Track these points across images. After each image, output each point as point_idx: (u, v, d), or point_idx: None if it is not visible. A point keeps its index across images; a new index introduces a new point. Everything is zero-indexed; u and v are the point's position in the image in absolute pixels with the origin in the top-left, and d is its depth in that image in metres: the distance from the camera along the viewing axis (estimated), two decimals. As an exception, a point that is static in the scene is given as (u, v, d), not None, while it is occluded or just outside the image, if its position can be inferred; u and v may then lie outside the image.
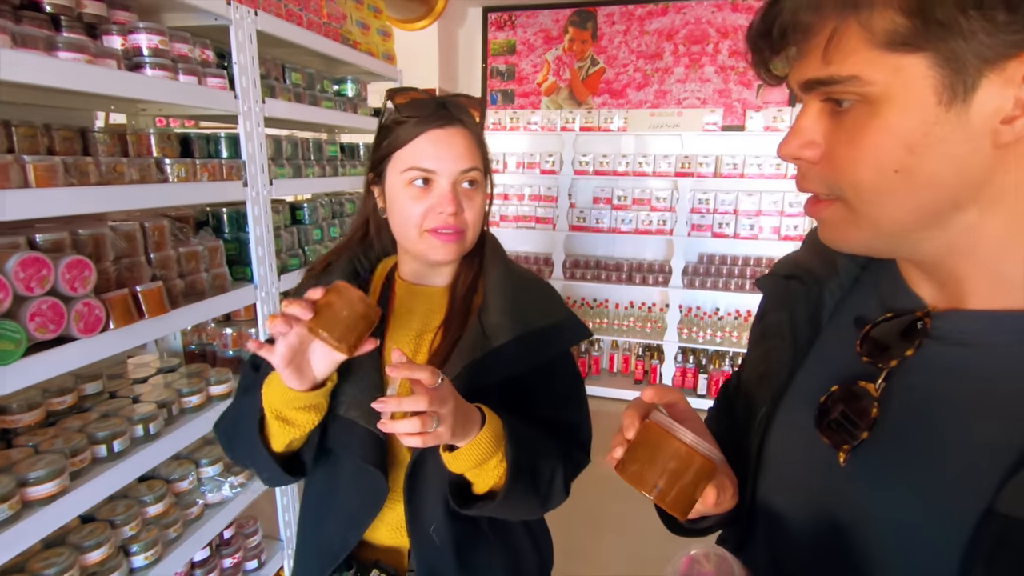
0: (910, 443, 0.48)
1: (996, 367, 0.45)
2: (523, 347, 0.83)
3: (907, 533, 0.47)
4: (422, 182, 0.82)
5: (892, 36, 0.39)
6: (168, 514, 1.32)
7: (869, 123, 0.42)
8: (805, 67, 0.45)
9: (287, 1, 1.60)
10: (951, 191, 0.43)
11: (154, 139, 1.30)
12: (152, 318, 1.17)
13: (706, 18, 3.80)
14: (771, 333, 0.63)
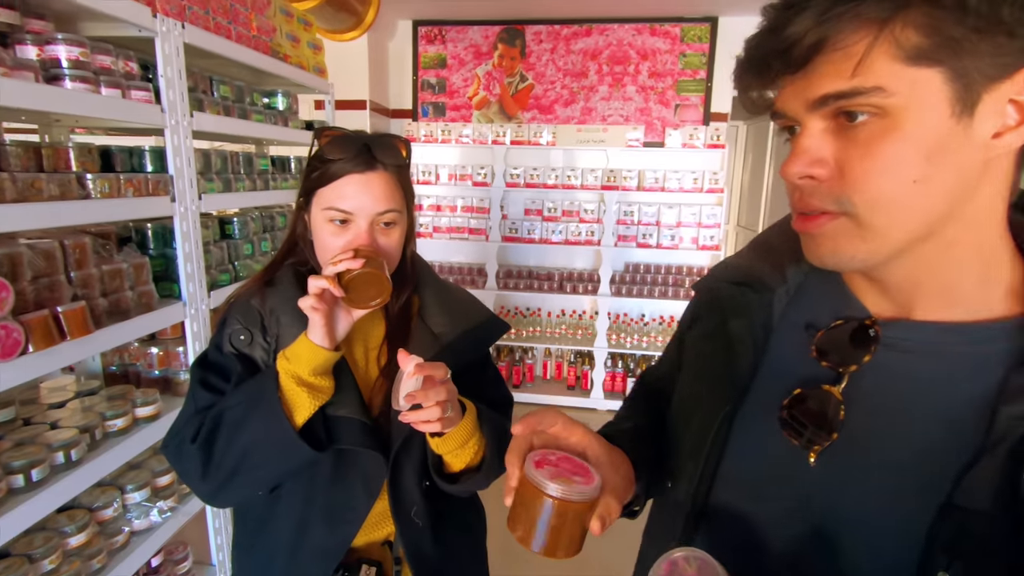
0: (874, 443, 0.51)
1: (943, 373, 0.49)
2: (466, 343, 0.96)
3: (873, 528, 0.49)
4: (340, 221, 0.87)
5: (913, 51, 0.41)
6: (91, 544, 1.26)
7: (888, 135, 0.43)
8: (821, 83, 0.44)
9: (215, 14, 1.57)
10: (952, 202, 0.45)
11: (73, 153, 1.25)
12: (75, 339, 1.13)
13: (627, 40, 4.02)
14: (731, 338, 0.62)
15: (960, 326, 0.49)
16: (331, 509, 0.90)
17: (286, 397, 0.82)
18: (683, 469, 0.63)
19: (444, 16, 4.12)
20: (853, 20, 0.42)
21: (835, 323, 0.55)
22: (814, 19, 0.43)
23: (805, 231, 0.50)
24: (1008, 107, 0.43)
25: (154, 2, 1.34)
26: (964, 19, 0.40)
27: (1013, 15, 0.40)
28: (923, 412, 0.49)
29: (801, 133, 0.47)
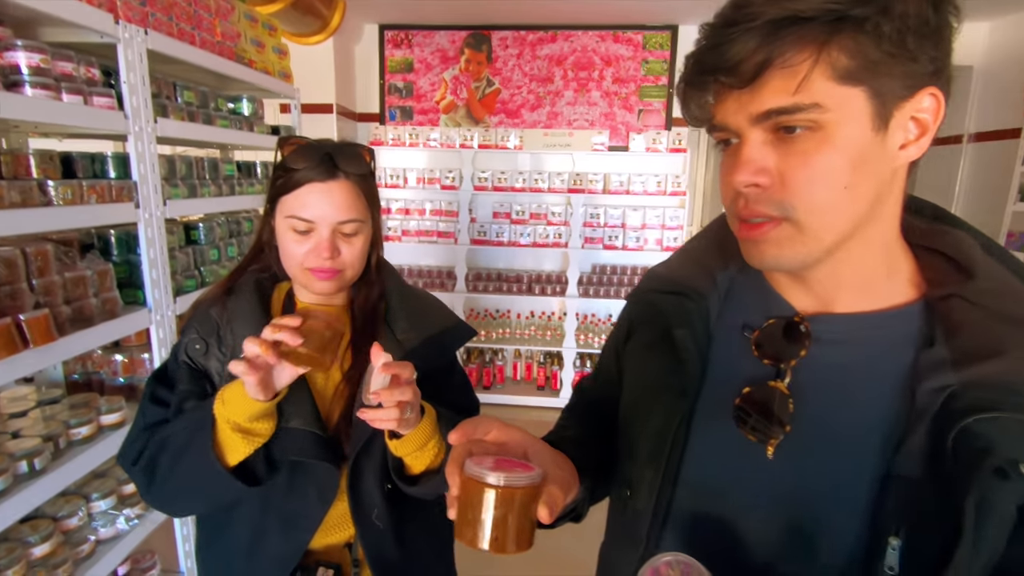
0: (821, 430, 0.55)
1: (866, 358, 0.55)
2: (429, 349, 0.96)
3: (828, 507, 0.54)
4: (303, 229, 0.88)
5: (843, 71, 0.46)
6: (56, 554, 1.25)
7: (822, 147, 0.48)
8: (765, 99, 0.48)
9: (178, 20, 1.57)
10: (871, 206, 0.51)
11: (34, 160, 1.24)
12: (38, 347, 1.12)
13: (591, 47, 4.10)
14: (677, 347, 0.64)
15: (874, 315, 0.55)
16: (286, 517, 0.90)
17: (220, 440, 0.81)
18: (642, 477, 0.64)
19: (410, 20, 4.14)
20: (797, 42, 0.46)
21: (767, 322, 0.60)
22: (761, 39, 0.47)
23: (750, 238, 0.53)
24: (910, 123, 0.49)
25: (116, 8, 1.34)
26: (880, 45, 0.46)
27: (915, 43, 0.46)
28: (856, 396, 0.54)
29: (744, 145, 0.51)
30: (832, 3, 0.45)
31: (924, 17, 0.46)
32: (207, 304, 0.94)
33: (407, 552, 0.96)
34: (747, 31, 0.47)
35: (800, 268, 0.55)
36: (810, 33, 0.46)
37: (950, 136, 4.00)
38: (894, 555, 0.48)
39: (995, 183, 3.49)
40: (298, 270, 0.91)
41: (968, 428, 0.46)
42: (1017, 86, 3.22)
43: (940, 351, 0.50)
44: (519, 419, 4.03)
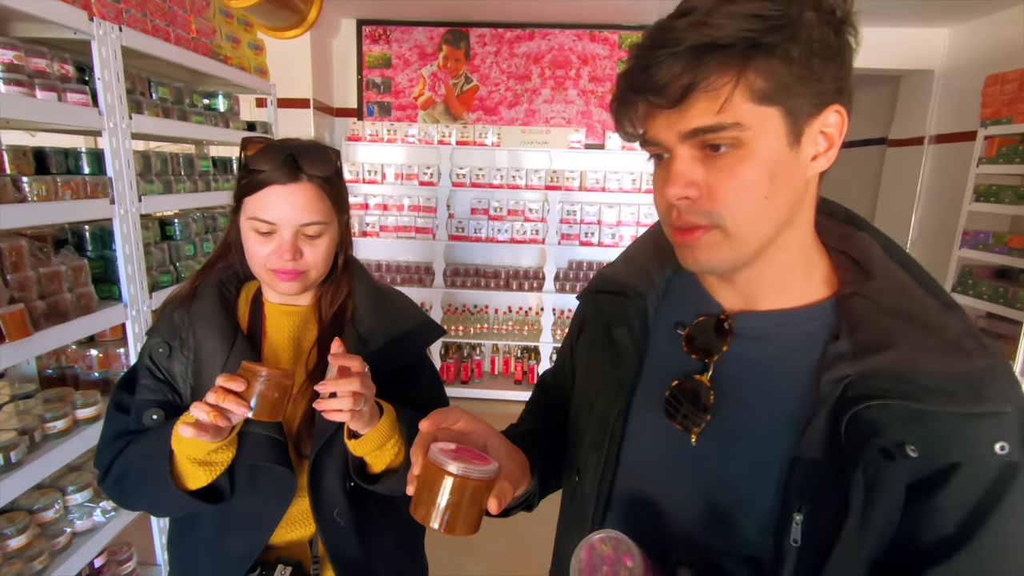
0: (739, 417, 0.60)
1: (782, 351, 0.60)
2: (394, 349, 0.97)
3: (744, 486, 0.59)
4: (265, 231, 0.88)
5: (760, 93, 0.50)
6: (32, 546, 1.26)
7: (744, 162, 0.52)
8: (692, 118, 0.52)
9: (153, 16, 1.58)
10: (789, 212, 0.56)
11: (7, 155, 1.25)
12: (14, 342, 1.13)
13: (568, 45, 4.16)
14: (616, 344, 0.69)
15: (791, 312, 0.60)
16: (246, 516, 0.92)
17: (180, 469, 0.83)
18: (588, 461, 0.69)
19: (388, 16, 4.14)
20: (719, 67, 0.50)
21: (697, 319, 0.65)
22: (686, 63, 0.50)
23: (684, 243, 0.58)
24: (819, 137, 0.54)
25: (90, 5, 1.35)
26: (791, 68, 0.50)
27: (820, 65, 0.51)
28: (771, 386, 0.60)
29: (674, 160, 0.55)
30: (746, 31, 0.49)
31: (827, 41, 0.51)
32: (171, 307, 0.95)
33: (369, 548, 0.97)
34: (673, 55, 0.50)
35: (730, 270, 0.60)
36: (730, 59, 0.50)
37: (912, 138, 4.15)
38: (797, 529, 0.53)
39: (953, 183, 3.64)
40: (262, 271, 0.91)
41: (859, 414, 0.52)
42: (974, 90, 3.36)
43: (843, 344, 0.56)
44: (497, 412, 4.08)
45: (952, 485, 0.51)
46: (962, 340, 0.53)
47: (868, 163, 4.71)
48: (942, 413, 0.50)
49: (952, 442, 0.50)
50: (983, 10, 3.49)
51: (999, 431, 0.50)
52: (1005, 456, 0.50)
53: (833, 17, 0.52)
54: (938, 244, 3.82)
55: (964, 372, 0.51)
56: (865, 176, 4.73)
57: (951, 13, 3.58)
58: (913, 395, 0.51)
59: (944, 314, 0.55)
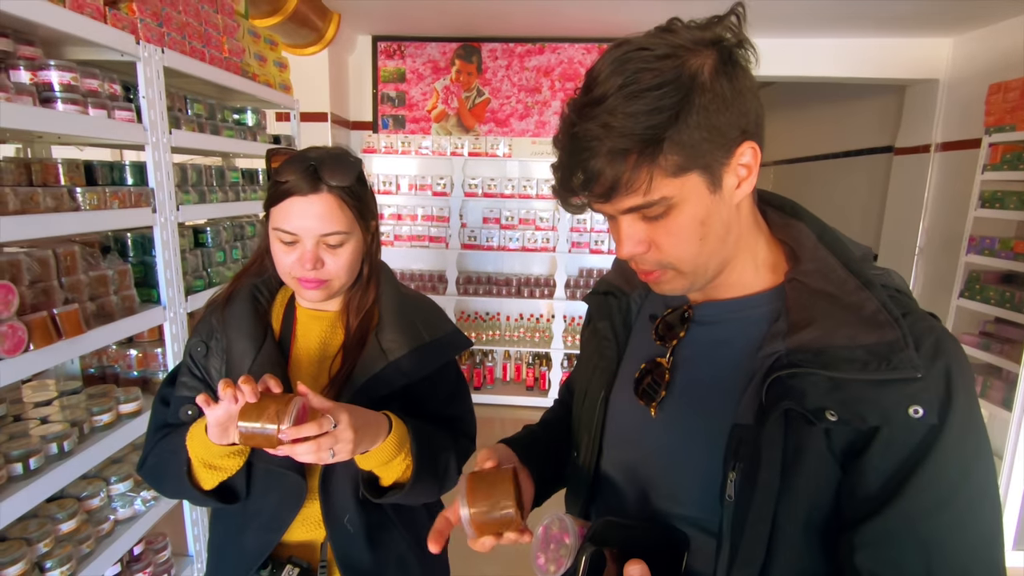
0: (690, 393, 0.69)
1: (730, 333, 0.68)
2: (416, 359, 0.97)
3: (694, 452, 0.66)
4: (288, 241, 0.91)
5: (676, 167, 0.56)
6: (80, 531, 1.35)
7: (676, 220, 0.59)
8: (623, 202, 0.59)
9: (191, 39, 1.69)
10: (727, 240, 0.63)
11: (62, 168, 1.36)
12: (69, 339, 1.23)
13: (577, 59, 4.26)
14: (599, 336, 0.80)
15: (741, 299, 0.68)
16: (260, 516, 0.96)
17: (194, 470, 0.89)
18: (581, 437, 0.80)
19: (403, 32, 4.27)
20: (634, 167, 0.56)
21: (667, 312, 0.75)
22: (603, 168, 0.56)
23: (649, 281, 0.67)
24: (739, 169, 0.60)
25: (137, 30, 1.46)
26: (694, 137, 0.55)
27: (721, 120, 0.56)
28: (720, 363, 0.68)
29: (620, 226, 0.62)
30: (649, 129, 0.54)
31: (722, 95, 0.56)
32: (209, 310, 1.00)
33: (379, 556, 0.99)
34: (593, 160, 0.56)
35: (693, 291, 0.68)
36: (641, 158, 0.56)
37: (919, 146, 4.20)
38: (732, 486, 0.61)
39: (959, 190, 3.68)
40: (288, 278, 0.95)
41: (781, 380, 0.59)
42: (979, 98, 3.41)
43: (781, 324, 0.63)
44: (508, 418, 4.14)
45: (875, 448, 0.57)
46: (876, 315, 0.59)
47: (876, 171, 4.75)
48: (856, 381, 0.56)
49: (867, 407, 0.56)
50: (986, 20, 3.55)
51: (911, 396, 0.55)
52: (923, 419, 0.55)
53: (726, 59, 0.57)
54: (946, 250, 3.86)
55: (875, 343, 0.57)
56: (873, 184, 4.78)
57: (955, 23, 3.65)
58: (831, 364, 0.57)
59: (860, 291, 0.61)
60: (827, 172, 5.36)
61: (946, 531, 0.56)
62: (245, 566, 0.96)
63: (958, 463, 0.56)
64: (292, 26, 3.42)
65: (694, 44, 0.57)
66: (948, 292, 3.46)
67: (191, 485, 0.90)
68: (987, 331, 3.25)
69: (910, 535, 0.56)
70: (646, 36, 0.59)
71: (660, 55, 0.56)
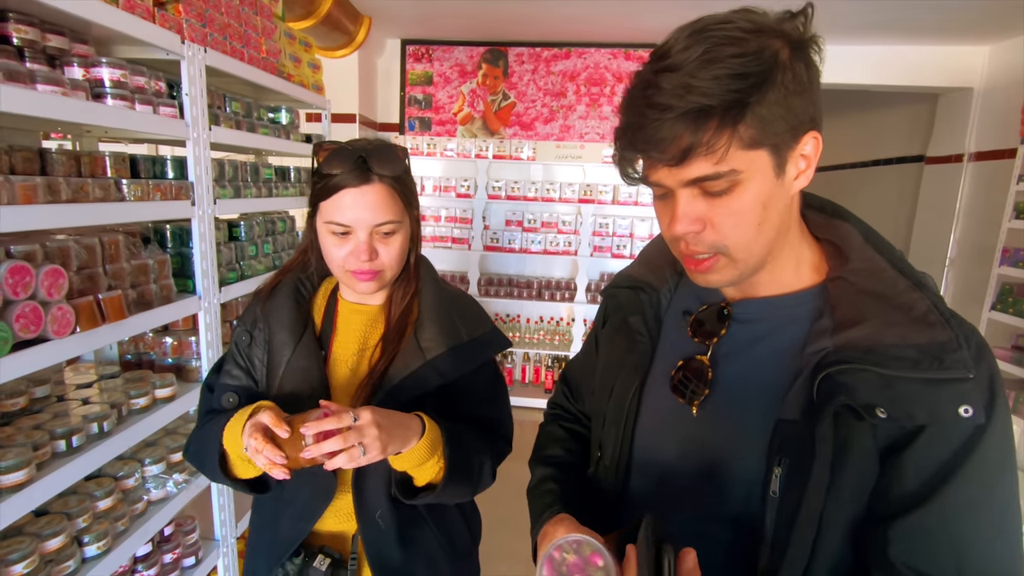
0: (733, 390, 0.68)
1: (772, 331, 0.68)
2: (453, 358, 0.97)
3: (734, 447, 0.67)
4: (341, 232, 0.92)
5: (750, 140, 0.56)
6: (116, 509, 1.41)
7: (739, 198, 0.58)
8: (692, 170, 0.57)
9: (231, 39, 1.76)
10: (780, 230, 0.63)
11: (109, 161, 1.42)
12: (112, 323, 1.29)
13: (603, 64, 4.28)
14: (631, 331, 0.78)
15: (782, 297, 0.69)
16: (294, 505, 0.98)
17: (230, 460, 0.92)
18: (608, 435, 0.78)
19: (431, 36, 4.34)
20: (716, 130, 0.55)
21: (702, 308, 0.74)
22: (683, 128, 0.55)
23: (696, 270, 0.65)
24: (800, 160, 0.61)
25: (182, 30, 1.52)
26: (773, 113, 0.55)
27: (797, 103, 0.57)
28: (762, 361, 0.68)
29: (678, 201, 0.60)
30: (732, 92, 0.54)
31: (800, 78, 0.57)
32: (254, 300, 1.04)
33: (410, 553, 0.99)
34: (669, 121, 0.55)
35: (737, 283, 0.68)
36: (723, 122, 0.55)
37: (951, 155, 4.12)
38: (776, 482, 0.61)
39: (993, 200, 3.60)
40: (340, 272, 0.96)
41: (831, 376, 0.59)
42: (1014, 107, 3.34)
43: (826, 322, 0.64)
44: (527, 420, 4.14)
45: (918, 444, 0.58)
46: (927, 315, 0.60)
47: (906, 180, 4.67)
48: (907, 379, 0.57)
49: (917, 405, 0.56)
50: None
51: (962, 395, 0.56)
52: (971, 418, 0.55)
53: (803, 47, 0.57)
54: (977, 262, 3.77)
55: (927, 342, 0.58)
56: (903, 193, 4.70)
57: (992, 32, 3.58)
58: (881, 362, 0.58)
59: (912, 292, 0.62)
60: (856, 181, 5.28)
61: (978, 530, 0.57)
62: (279, 552, 0.99)
63: (996, 463, 0.58)
64: (324, 29, 3.50)
65: (771, 28, 0.57)
66: (979, 304, 3.39)
67: (224, 474, 0.93)
68: (1019, 345, 3.18)
69: (945, 530, 0.57)
70: (721, 15, 0.58)
71: (742, 28, 0.56)
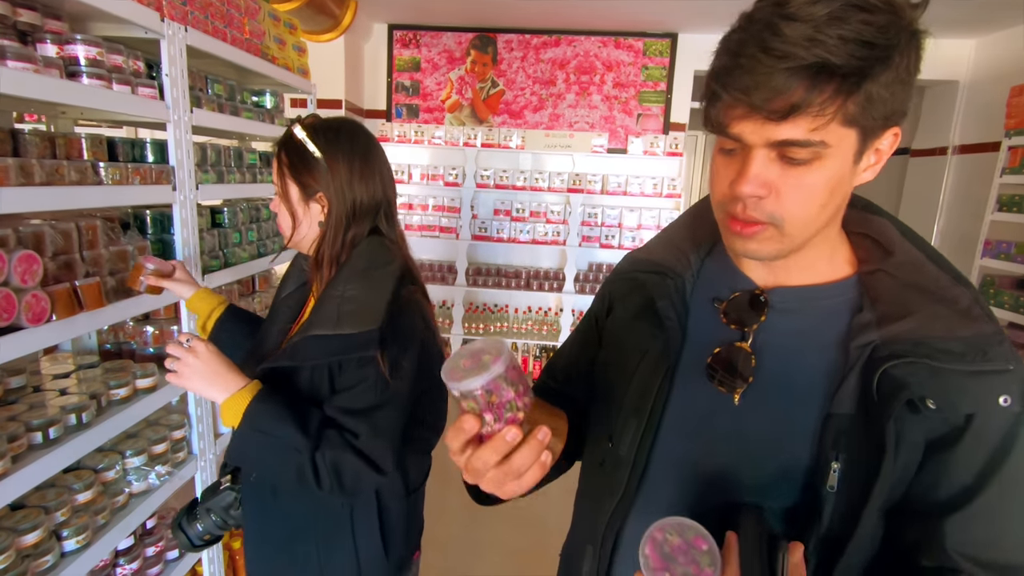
0: (776, 380, 0.66)
1: (812, 322, 0.66)
2: (320, 345, 1.00)
3: (782, 440, 0.64)
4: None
5: (849, 117, 0.54)
6: (96, 502, 1.37)
7: (814, 173, 0.56)
8: (783, 131, 0.54)
9: (213, 18, 1.70)
10: (833, 219, 0.62)
11: (85, 143, 1.36)
12: (90, 311, 1.24)
13: (593, 52, 4.25)
14: (658, 316, 0.73)
15: (819, 287, 0.67)
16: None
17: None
18: (627, 425, 0.73)
19: (419, 21, 4.27)
20: (832, 94, 0.52)
21: (733, 295, 0.71)
22: (800, 83, 0.52)
23: (741, 234, 0.62)
24: (873, 154, 0.60)
25: (162, 7, 1.47)
26: (880, 94, 0.53)
27: (899, 91, 0.55)
28: (804, 352, 0.66)
29: (752, 159, 0.57)
30: (856, 58, 0.51)
31: (909, 68, 0.55)
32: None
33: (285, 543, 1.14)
34: (788, 71, 0.52)
35: (773, 259, 0.65)
36: (843, 86, 0.52)
37: (936, 148, 4.16)
38: (835, 476, 0.60)
39: (976, 193, 3.65)
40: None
41: (887, 372, 0.59)
42: (999, 100, 3.38)
43: (867, 315, 0.63)
44: (514, 410, 4.15)
45: (966, 441, 0.58)
46: (971, 309, 0.60)
47: (890, 173, 4.71)
48: (954, 371, 0.57)
49: (963, 396, 0.57)
50: (1010, 22, 3.51)
51: (1003, 386, 0.57)
52: (1009, 408, 0.56)
53: (917, 37, 0.55)
54: (960, 254, 3.83)
55: (972, 335, 0.58)
56: (888, 186, 4.74)
57: (978, 25, 3.60)
58: (930, 355, 0.58)
59: (955, 287, 0.62)
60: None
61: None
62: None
63: None
64: (309, 12, 3.42)
65: (900, 6, 0.54)
66: (961, 296, 3.44)
67: None
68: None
69: (999, 518, 0.59)
70: None
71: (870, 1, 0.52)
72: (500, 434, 0.55)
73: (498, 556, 2.55)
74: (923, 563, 0.61)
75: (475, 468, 0.57)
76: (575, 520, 0.86)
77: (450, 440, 0.58)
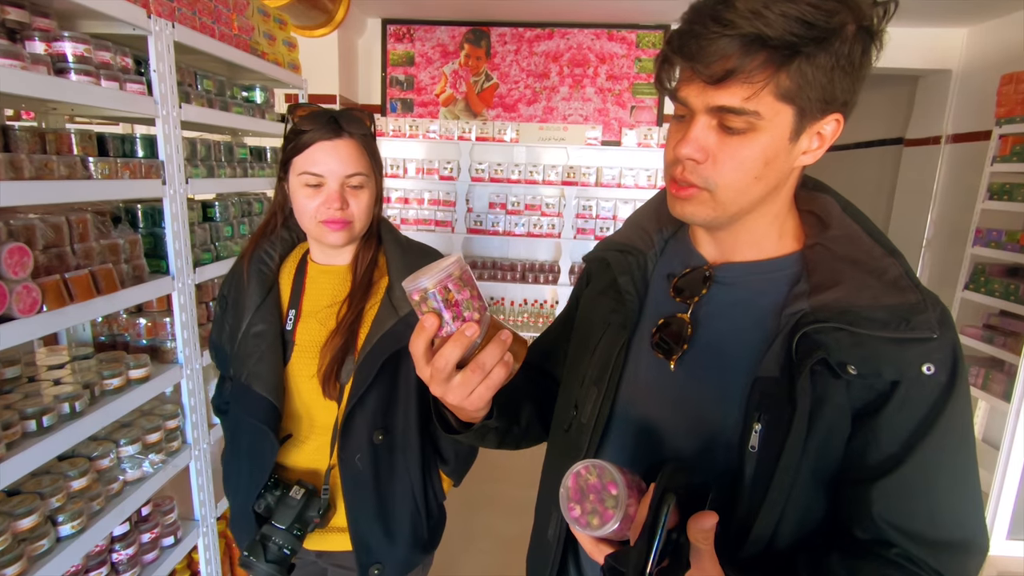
0: (711, 348, 0.70)
1: (751, 294, 0.70)
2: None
3: (713, 403, 0.68)
4: (314, 184, 1.02)
5: (784, 91, 0.57)
6: (91, 489, 1.40)
7: (749, 144, 0.59)
8: (721, 96, 0.58)
9: (201, 15, 1.72)
10: (771, 191, 0.65)
11: (75, 138, 1.39)
12: (80, 303, 1.28)
13: (587, 44, 4.25)
14: (619, 291, 0.78)
15: (762, 262, 0.71)
16: (251, 451, 1.12)
17: None
18: (588, 395, 0.78)
19: (412, 16, 4.28)
20: (763, 63, 0.56)
21: (685, 271, 0.76)
22: (735, 50, 0.56)
23: (677, 196, 0.67)
24: (815, 137, 0.63)
25: (148, 3, 1.49)
26: (816, 76, 0.57)
27: (839, 79, 0.58)
28: (741, 321, 0.70)
29: (694, 124, 0.61)
30: (792, 35, 0.54)
31: (852, 58, 0.57)
32: (229, 270, 1.16)
33: (381, 497, 1.13)
34: (726, 38, 0.55)
35: (707, 225, 0.70)
36: (774, 57, 0.56)
37: (929, 137, 4.16)
38: (756, 437, 0.63)
39: (968, 182, 3.66)
40: (312, 224, 1.05)
41: (808, 335, 0.62)
42: (991, 89, 3.38)
43: (803, 286, 0.67)
44: (511, 401, 4.19)
45: (891, 406, 0.60)
46: (899, 280, 0.63)
47: (885, 163, 4.72)
48: (877, 337, 0.60)
49: (884, 362, 0.60)
50: (1001, 10, 3.51)
51: (926, 354, 0.59)
52: (933, 377, 0.59)
53: (868, 34, 0.58)
54: (953, 242, 3.84)
55: (896, 304, 0.61)
56: (882, 176, 4.75)
57: (969, 13, 3.60)
58: (854, 322, 0.60)
59: (886, 258, 0.65)
60: (836, 164, 5.32)
61: (949, 486, 0.62)
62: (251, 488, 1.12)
63: (961, 425, 0.62)
64: (302, 7, 3.44)
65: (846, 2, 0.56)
66: (953, 284, 3.45)
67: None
68: (991, 324, 3.25)
69: (921, 488, 0.61)
70: None
71: None
72: (460, 330, 0.59)
73: (489, 543, 2.59)
74: (856, 534, 0.63)
75: (439, 369, 0.60)
76: (541, 491, 0.91)
77: (413, 345, 0.62)
